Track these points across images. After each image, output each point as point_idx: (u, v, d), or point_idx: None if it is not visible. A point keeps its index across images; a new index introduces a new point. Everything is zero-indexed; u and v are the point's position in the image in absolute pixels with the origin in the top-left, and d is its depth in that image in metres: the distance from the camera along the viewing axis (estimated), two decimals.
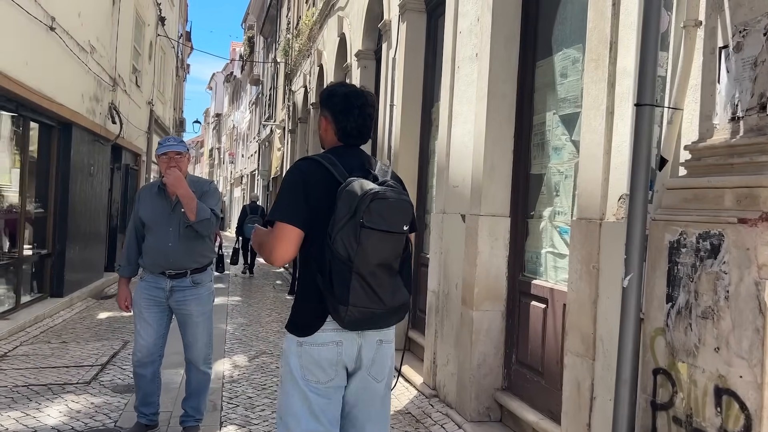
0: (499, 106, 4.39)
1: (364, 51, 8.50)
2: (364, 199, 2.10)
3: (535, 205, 4.21)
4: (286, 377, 2.27)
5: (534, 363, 4.06)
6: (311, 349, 2.22)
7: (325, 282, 2.15)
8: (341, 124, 2.34)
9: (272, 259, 2.23)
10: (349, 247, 2.10)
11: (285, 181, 2.29)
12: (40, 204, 8.49)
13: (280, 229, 2.21)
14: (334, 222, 2.12)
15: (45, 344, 6.41)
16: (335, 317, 2.16)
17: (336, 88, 2.43)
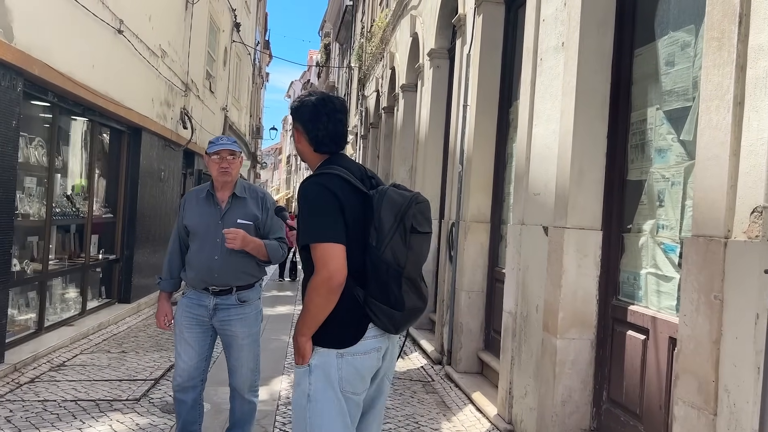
0: (589, 102, 3.79)
1: (437, 50, 8.01)
2: (408, 206, 2.18)
3: (633, 217, 3.58)
4: (319, 394, 2.19)
5: (630, 404, 3.43)
6: (354, 359, 2.21)
7: (374, 292, 2.16)
8: (312, 133, 2.34)
9: (334, 280, 2.11)
10: (399, 254, 2.15)
11: (311, 198, 2.19)
12: (109, 209, 8.45)
13: (329, 249, 2.13)
14: (380, 232, 2.15)
15: (104, 353, 6.23)
16: (386, 324, 2.19)
17: (304, 98, 2.41)
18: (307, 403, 2.20)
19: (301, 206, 2.22)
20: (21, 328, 6.11)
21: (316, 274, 2.14)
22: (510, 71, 5.86)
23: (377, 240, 2.14)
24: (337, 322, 2.19)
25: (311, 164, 2.43)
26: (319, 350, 2.21)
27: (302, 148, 2.42)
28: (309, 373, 2.21)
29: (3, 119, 5.03)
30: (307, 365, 2.21)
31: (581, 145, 3.77)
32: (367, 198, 2.23)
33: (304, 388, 2.21)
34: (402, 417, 4.76)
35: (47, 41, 5.63)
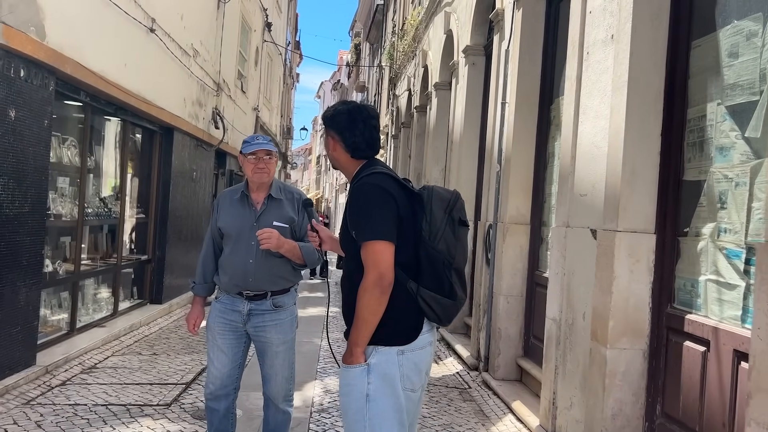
0: (641, 98, 3.56)
1: (473, 46, 7.81)
2: (456, 200, 2.35)
3: (690, 220, 3.35)
4: (379, 393, 2.21)
5: (689, 420, 3.20)
6: (413, 354, 2.27)
7: (427, 283, 2.24)
8: (349, 140, 2.41)
9: (384, 279, 2.17)
10: (450, 245, 2.27)
11: (367, 197, 2.26)
12: (141, 209, 8.42)
13: (380, 247, 2.19)
14: (432, 225, 2.25)
15: (135, 356, 6.17)
16: (438, 315, 2.26)
17: (338, 107, 2.49)
18: (366, 403, 2.21)
19: (353, 205, 2.27)
20: (53, 329, 6.08)
21: (367, 275, 2.18)
22: (551, 67, 5.64)
23: (430, 233, 2.25)
24: (396, 319, 2.24)
25: (348, 170, 2.49)
26: (380, 349, 2.24)
27: (338, 156, 2.48)
28: (368, 373, 2.22)
29: (35, 119, 4.98)
30: (365, 364, 2.22)
31: (633, 143, 3.55)
32: (413, 195, 2.33)
33: (361, 389, 2.22)
34: (439, 426, 4.58)
35: (79, 40, 5.58)
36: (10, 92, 4.63)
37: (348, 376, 2.27)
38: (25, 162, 4.87)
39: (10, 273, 4.77)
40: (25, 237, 4.95)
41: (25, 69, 4.79)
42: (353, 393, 2.25)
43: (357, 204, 2.27)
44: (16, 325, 4.89)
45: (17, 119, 4.73)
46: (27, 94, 4.85)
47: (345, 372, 2.29)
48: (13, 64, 4.64)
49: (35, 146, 5.02)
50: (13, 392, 4.67)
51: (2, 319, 4.70)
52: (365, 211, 2.24)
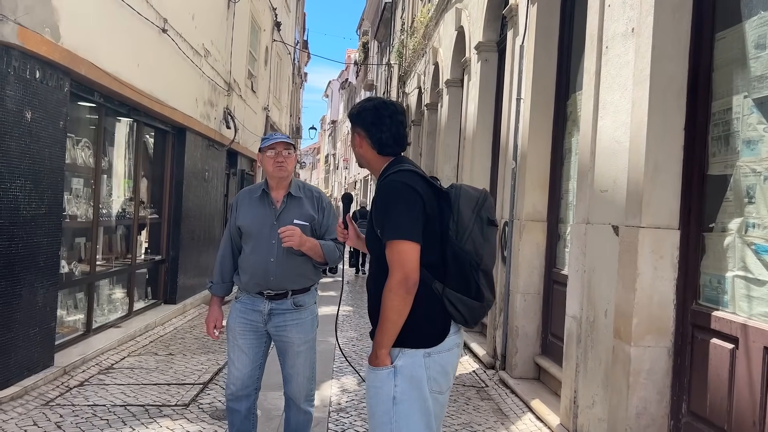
0: (664, 92, 3.51)
1: (485, 42, 7.75)
2: (485, 199, 2.30)
3: (716, 215, 3.29)
4: (405, 395, 2.18)
5: (716, 419, 3.15)
6: (440, 356, 2.23)
7: (454, 284, 2.20)
8: (375, 136, 2.37)
9: (410, 280, 2.13)
10: (478, 245, 2.22)
11: (394, 195, 2.21)
12: (154, 209, 8.43)
13: (406, 247, 2.14)
14: (459, 224, 2.21)
15: (152, 356, 6.17)
16: (464, 316, 2.22)
17: (363, 104, 2.46)
18: (393, 405, 2.18)
19: (380, 202, 2.23)
20: (69, 330, 6.09)
21: (392, 275, 2.14)
22: (567, 62, 5.59)
23: (457, 232, 2.21)
24: (422, 321, 2.19)
25: (374, 167, 2.46)
26: (406, 351, 2.20)
27: (364, 153, 2.45)
28: (394, 375, 2.19)
29: (51, 120, 4.98)
30: (391, 367, 2.19)
31: (656, 137, 3.50)
32: (441, 194, 2.28)
33: (388, 391, 2.19)
34: (458, 425, 4.55)
35: (93, 40, 5.58)
36: (26, 93, 4.63)
37: (374, 378, 2.23)
38: (41, 163, 4.87)
39: (28, 274, 4.77)
40: (42, 238, 4.95)
41: (40, 70, 4.79)
42: (380, 395, 2.21)
43: (383, 202, 2.23)
44: (34, 326, 4.89)
45: (33, 120, 4.73)
46: (42, 96, 4.85)
47: (371, 374, 2.24)
48: (29, 66, 4.64)
49: (51, 147, 5.02)
50: (32, 393, 4.67)
51: (21, 320, 4.70)
52: (391, 210, 2.19)
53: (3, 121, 4.38)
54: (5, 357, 4.54)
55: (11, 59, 4.43)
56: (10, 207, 4.51)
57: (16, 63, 4.48)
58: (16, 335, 4.65)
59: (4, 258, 4.48)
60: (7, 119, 4.43)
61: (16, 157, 4.55)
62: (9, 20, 4.34)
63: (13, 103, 4.48)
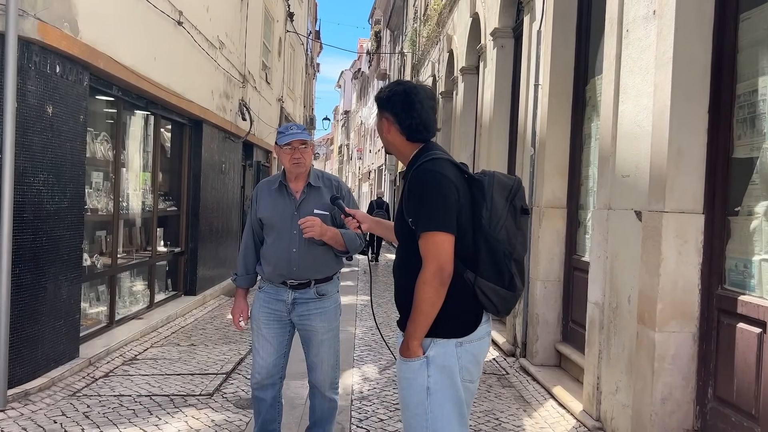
0: (687, 75, 3.47)
1: (501, 29, 7.69)
2: (518, 188, 2.25)
3: (742, 199, 3.26)
4: (439, 386, 2.17)
5: (743, 403, 3.13)
6: (471, 346, 2.22)
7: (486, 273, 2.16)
8: (405, 122, 2.31)
9: (445, 272, 2.11)
10: (512, 234, 2.19)
11: (428, 185, 2.16)
12: (173, 202, 8.49)
13: (441, 239, 2.12)
14: (493, 213, 2.17)
15: (174, 347, 6.23)
16: (495, 306, 2.19)
17: (393, 87, 2.39)
18: (427, 396, 2.17)
19: (413, 192, 2.18)
20: (93, 322, 6.16)
21: (426, 267, 2.11)
22: (585, 47, 5.53)
23: (490, 221, 2.16)
24: (453, 310, 2.17)
25: (403, 154, 2.39)
26: (438, 341, 2.18)
27: (392, 139, 2.38)
28: (427, 365, 2.17)
29: (71, 114, 5.02)
30: (424, 357, 2.17)
31: (679, 121, 3.46)
32: (473, 181, 2.23)
33: (421, 382, 2.17)
34: (481, 413, 4.56)
35: (111, 34, 5.60)
36: (47, 88, 4.66)
37: (407, 369, 2.21)
38: (63, 157, 4.92)
39: (53, 267, 4.83)
40: (65, 231, 5.00)
41: (60, 65, 4.82)
42: (413, 387, 2.20)
43: (416, 192, 2.17)
44: (60, 318, 4.96)
45: (54, 115, 4.77)
46: (63, 90, 4.89)
47: (403, 365, 2.22)
48: (49, 60, 4.68)
49: (72, 142, 5.06)
50: (60, 384, 4.74)
51: (46, 313, 4.76)
52: (425, 200, 2.14)
53: (25, 116, 4.42)
54: (32, 349, 4.61)
55: (32, 54, 4.47)
56: (33, 201, 4.57)
57: (36, 58, 4.52)
58: (42, 327, 4.71)
59: (29, 251, 4.54)
60: (30, 114, 4.48)
61: (38, 151, 4.60)
62: (29, 15, 4.37)
63: (34, 98, 4.52)
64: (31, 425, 3.98)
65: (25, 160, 4.44)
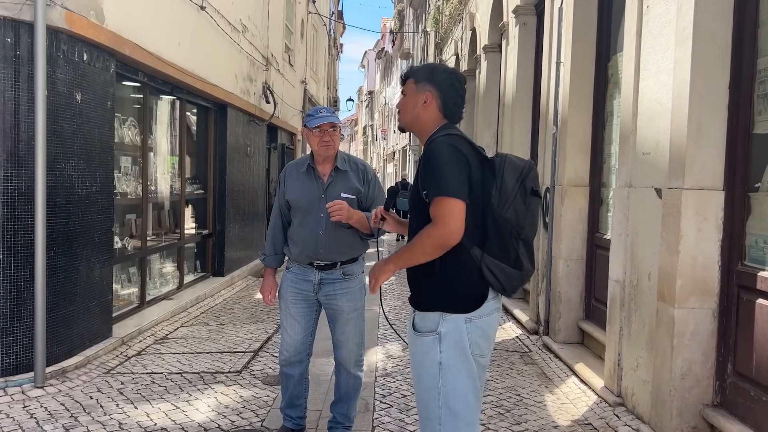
0: (707, 50, 3.45)
1: (523, 6, 7.63)
2: (530, 169, 2.30)
3: (762, 175, 3.25)
4: (451, 360, 2.24)
5: (763, 378, 3.15)
6: (481, 321, 2.27)
7: (493, 251, 2.22)
8: (450, 99, 2.37)
9: (451, 238, 2.16)
10: (520, 214, 2.24)
11: (443, 155, 2.23)
12: (200, 185, 8.64)
13: (453, 204, 2.17)
14: (503, 192, 2.23)
15: (203, 326, 6.41)
16: (501, 284, 2.24)
17: (436, 66, 2.49)
18: (438, 370, 2.25)
19: (428, 163, 2.25)
20: (125, 303, 6.35)
21: (436, 226, 2.18)
22: (607, 24, 5.48)
23: (499, 200, 2.22)
24: (461, 286, 2.25)
25: (427, 130, 2.41)
26: (448, 317, 2.25)
27: (427, 115, 2.39)
28: (439, 341, 2.25)
29: (99, 101, 5.15)
30: (435, 333, 2.25)
31: (699, 97, 3.45)
32: (486, 161, 2.29)
33: (433, 357, 2.25)
34: (503, 389, 4.63)
35: (135, 21, 5.71)
36: (75, 75, 4.79)
37: (419, 344, 2.29)
38: (92, 143, 5.06)
39: (85, 250, 4.99)
40: (96, 215, 5.16)
41: (87, 53, 4.94)
42: (426, 362, 2.27)
43: (431, 162, 2.23)
44: (93, 299, 5.13)
45: (83, 102, 4.90)
46: (90, 77, 5.01)
47: (417, 340, 2.30)
48: (77, 48, 4.80)
49: (101, 128, 5.20)
50: (94, 362, 4.93)
51: (80, 294, 4.94)
52: (439, 168, 2.20)
53: (55, 104, 4.55)
54: (68, 328, 4.79)
55: (60, 43, 4.59)
56: (65, 186, 4.72)
57: (64, 46, 4.64)
58: (77, 308, 4.89)
59: (63, 235, 4.70)
60: (60, 101, 4.61)
61: (69, 137, 4.73)
62: (56, 5, 4.48)
63: (63, 86, 4.65)
64: (69, 401, 4.16)
65: (56, 146, 4.58)
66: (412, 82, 2.43)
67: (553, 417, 4.14)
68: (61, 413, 3.95)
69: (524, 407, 4.29)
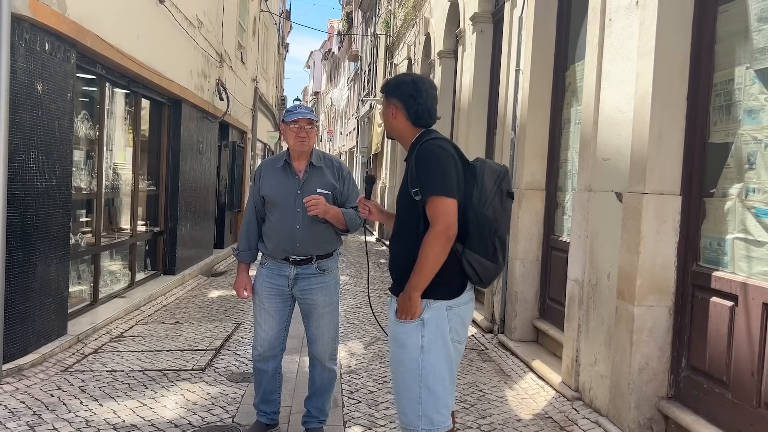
0: (668, 63, 3.66)
1: (481, 14, 7.83)
2: (504, 173, 2.52)
3: (717, 181, 3.48)
4: (432, 345, 2.42)
5: (715, 371, 3.37)
6: (459, 309, 2.48)
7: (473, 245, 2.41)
8: (413, 108, 2.55)
9: (450, 230, 2.34)
10: (497, 213, 2.45)
11: (434, 157, 2.41)
12: (152, 182, 8.48)
13: (448, 202, 2.35)
14: (482, 193, 2.44)
15: (159, 324, 6.30)
16: (478, 276, 2.45)
17: (401, 78, 2.64)
18: (420, 354, 2.43)
19: (420, 165, 2.42)
20: (77, 300, 6.19)
21: (434, 226, 2.34)
22: (566, 34, 5.70)
23: (479, 199, 2.42)
24: (445, 276, 2.41)
25: (406, 138, 2.64)
26: (432, 304, 2.44)
27: (398, 124, 2.61)
28: (422, 327, 2.43)
29: (59, 92, 5.02)
30: (419, 320, 2.42)
31: (660, 107, 3.66)
32: (467, 164, 2.51)
33: (416, 341, 2.44)
34: (465, 385, 4.76)
35: (96, 12, 5.58)
36: (36, 66, 4.66)
37: (402, 330, 2.47)
38: (52, 135, 4.92)
39: (42, 244, 4.86)
40: (54, 209, 5.03)
41: (49, 42, 4.81)
42: (408, 345, 2.45)
43: (424, 163, 2.41)
44: (49, 295, 4.99)
45: (44, 93, 4.77)
46: (51, 68, 4.88)
47: (399, 327, 2.47)
48: (39, 38, 4.67)
49: (60, 119, 5.06)
50: (51, 360, 4.79)
51: (37, 289, 4.80)
52: (433, 169, 2.39)
53: (16, 93, 4.42)
54: (24, 325, 4.65)
55: (22, 31, 4.46)
56: (24, 179, 4.58)
57: (27, 35, 4.51)
58: (33, 304, 4.75)
59: (20, 229, 4.56)
60: (20, 91, 4.48)
61: (28, 128, 4.60)
62: None
63: (24, 75, 4.52)
64: (29, 399, 4.04)
65: (16, 137, 4.44)
66: (384, 96, 2.66)
67: (516, 411, 4.29)
68: (23, 411, 3.84)
69: (487, 402, 4.43)
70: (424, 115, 2.57)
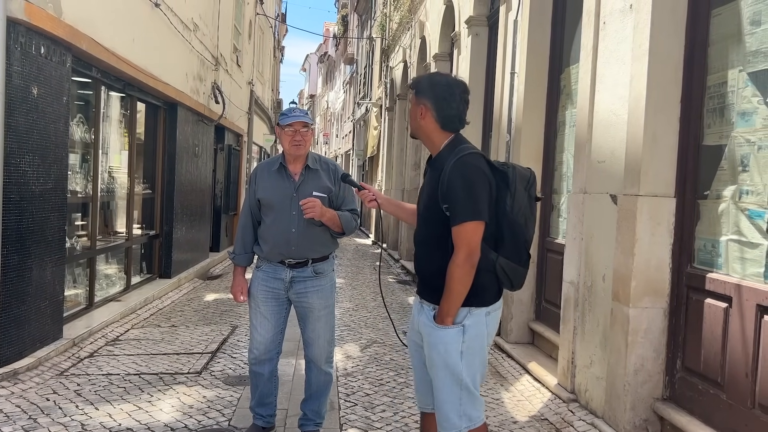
0: (662, 66, 3.69)
1: (476, 17, 7.85)
2: (533, 178, 2.53)
3: (710, 183, 3.50)
4: (471, 350, 2.46)
5: (710, 372, 3.39)
6: (495, 314, 2.55)
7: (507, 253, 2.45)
8: (444, 111, 2.47)
9: (474, 255, 2.38)
10: (528, 219, 2.49)
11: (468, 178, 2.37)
12: (148, 185, 8.47)
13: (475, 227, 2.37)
14: (516, 201, 2.44)
15: (155, 328, 6.29)
16: (510, 281, 2.48)
17: (436, 77, 2.57)
18: (461, 359, 2.46)
19: (455, 184, 2.38)
20: (73, 303, 6.17)
21: (457, 252, 2.37)
22: (560, 37, 5.73)
23: (513, 207, 2.43)
24: (482, 284, 2.45)
25: (433, 142, 2.55)
26: (473, 311, 2.47)
27: (426, 125, 2.53)
28: (463, 333, 2.46)
29: (55, 96, 5.02)
30: (461, 325, 2.45)
31: (654, 110, 3.68)
32: (497, 172, 2.47)
33: (456, 347, 2.46)
34: None
35: (91, 15, 5.58)
36: (32, 69, 4.66)
37: (444, 335, 2.48)
38: (47, 139, 4.92)
39: (38, 248, 4.85)
40: (50, 213, 5.02)
41: (44, 46, 4.81)
42: (449, 350, 2.47)
43: (457, 184, 2.37)
44: (45, 299, 4.98)
45: (39, 96, 4.77)
46: (47, 71, 4.88)
47: (441, 332, 2.48)
48: (34, 42, 4.67)
49: (56, 123, 5.06)
50: (46, 364, 4.78)
51: (33, 293, 4.79)
52: (466, 192, 2.36)
53: (12, 97, 4.42)
54: (19, 329, 4.64)
55: (18, 35, 4.46)
56: (20, 182, 4.58)
57: (22, 39, 4.51)
58: (29, 308, 4.74)
59: (16, 232, 4.55)
60: (16, 95, 4.47)
61: (24, 132, 4.60)
62: None
63: (20, 79, 4.52)
64: (25, 403, 4.03)
65: (11, 141, 4.44)
66: (413, 93, 2.56)
67: (512, 413, 4.30)
68: (18, 415, 3.83)
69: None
70: (455, 119, 2.49)
